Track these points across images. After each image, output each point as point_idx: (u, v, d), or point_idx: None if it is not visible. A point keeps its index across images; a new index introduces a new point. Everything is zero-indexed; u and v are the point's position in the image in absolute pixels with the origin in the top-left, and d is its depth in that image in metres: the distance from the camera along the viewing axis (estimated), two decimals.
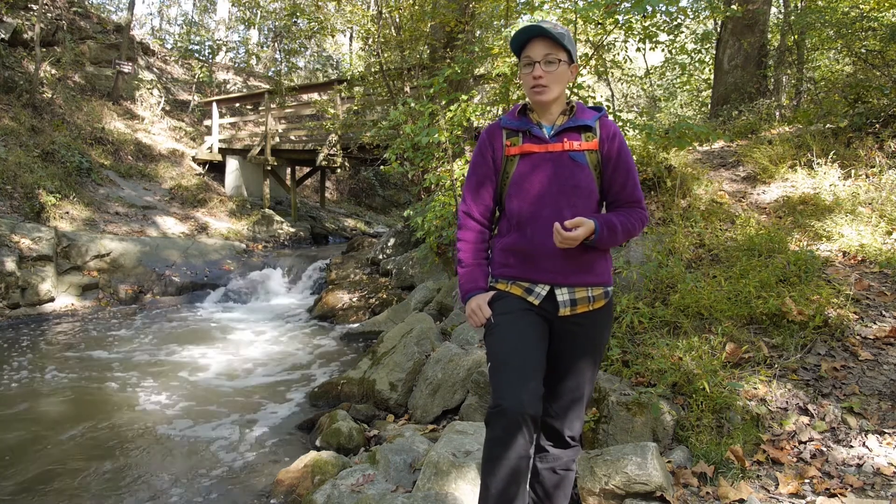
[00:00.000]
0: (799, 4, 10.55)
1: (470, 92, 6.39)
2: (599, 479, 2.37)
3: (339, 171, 13.29)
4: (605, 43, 6.97)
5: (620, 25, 5.51)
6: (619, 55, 9.10)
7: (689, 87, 14.07)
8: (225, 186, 13.47)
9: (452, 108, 5.48)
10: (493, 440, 1.74)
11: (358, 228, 14.44)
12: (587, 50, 6.40)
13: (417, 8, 8.84)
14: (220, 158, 13.67)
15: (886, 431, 2.54)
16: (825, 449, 2.54)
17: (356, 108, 11.01)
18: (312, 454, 3.16)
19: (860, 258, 3.92)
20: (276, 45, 22.24)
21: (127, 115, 13.93)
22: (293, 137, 13.50)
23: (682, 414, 2.83)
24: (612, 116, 6.18)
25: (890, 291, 3.50)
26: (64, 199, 9.47)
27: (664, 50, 8.36)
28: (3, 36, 12.01)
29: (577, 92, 5.48)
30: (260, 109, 14.72)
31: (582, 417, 1.99)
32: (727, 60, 9.26)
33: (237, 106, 16.70)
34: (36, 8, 12.30)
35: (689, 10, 9.32)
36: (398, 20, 9.27)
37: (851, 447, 2.52)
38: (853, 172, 4.94)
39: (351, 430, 3.60)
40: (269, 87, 15.64)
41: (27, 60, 12.37)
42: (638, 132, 5.32)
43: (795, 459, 2.51)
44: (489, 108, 6.23)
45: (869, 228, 4.20)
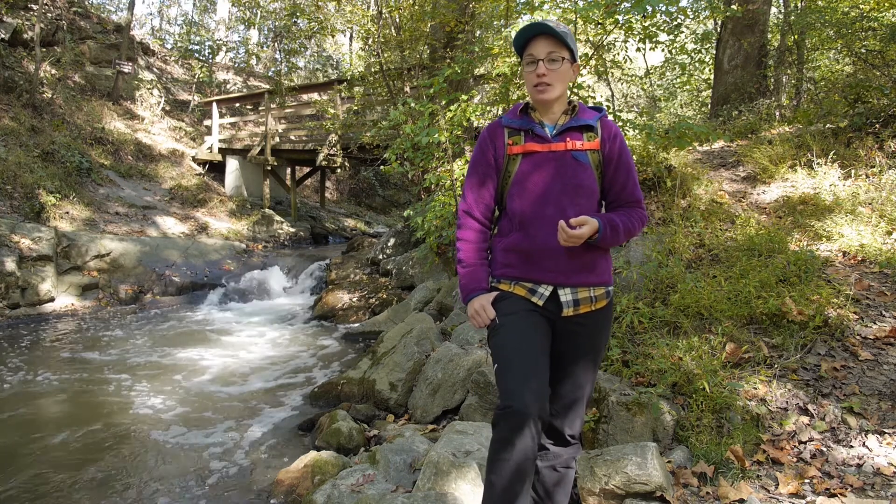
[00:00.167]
0: (799, 4, 10.55)
1: (470, 92, 6.39)
2: (599, 479, 2.37)
3: (339, 171, 13.29)
4: (605, 43, 6.97)
5: (620, 25, 5.51)
6: (619, 55, 9.11)
7: (689, 87, 14.07)
8: (225, 186, 13.47)
9: (452, 108, 5.48)
10: (500, 441, 1.74)
11: (358, 228, 14.45)
12: (587, 50, 6.40)
13: (417, 8, 8.85)
14: (220, 158, 13.67)
15: (886, 431, 2.54)
16: (825, 449, 2.54)
17: (356, 108, 11.01)
18: (312, 454, 3.16)
19: (860, 258, 3.92)
20: (276, 45, 22.24)
21: (127, 115, 13.93)
22: (293, 137, 13.50)
23: (682, 414, 2.83)
24: (612, 116, 6.18)
25: (890, 291, 3.50)
26: (64, 199, 9.47)
27: (664, 50, 8.36)
28: (3, 36, 12.01)
29: (576, 92, 5.49)
30: (260, 109, 14.72)
31: (582, 416, 2.00)
32: (727, 60, 9.26)
33: (237, 106, 16.70)
34: (36, 8, 12.30)
35: (689, 10, 9.31)
36: (398, 20, 9.27)
37: (851, 447, 2.52)
38: (853, 172, 4.94)
39: (351, 430, 3.60)
40: (269, 87, 15.65)
41: (27, 60, 12.37)
42: (638, 132, 5.32)
43: (795, 459, 2.51)
44: (489, 108, 6.23)
45: (869, 228, 4.20)
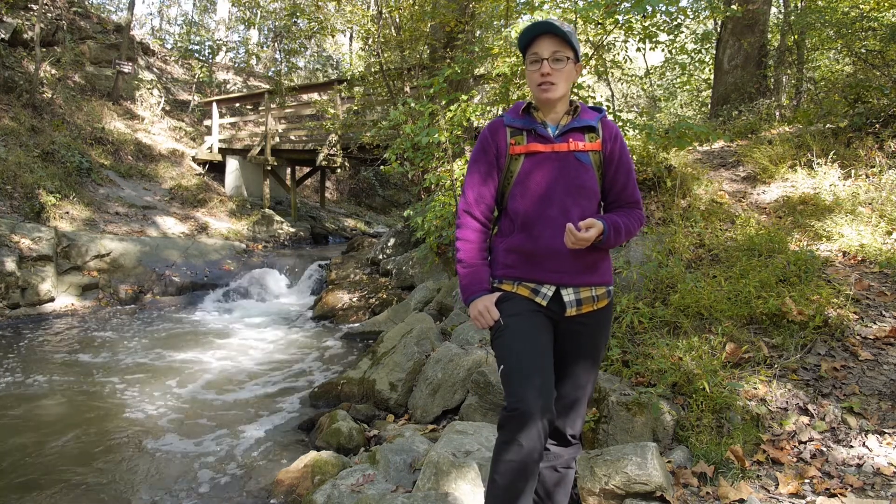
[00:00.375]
0: (799, 4, 10.55)
1: (470, 92, 6.39)
2: (599, 479, 2.37)
3: (339, 171, 13.29)
4: (605, 43, 6.97)
5: (620, 25, 5.51)
6: (619, 55, 9.10)
7: (689, 87, 14.07)
8: (225, 186, 13.47)
9: (452, 108, 5.48)
10: (507, 443, 1.73)
11: (358, 228, 14.45)
12: (587, 50, 6.40)
13: (417, 8, 8.85)
14: (220, 158, 13.67)
15: (886, 431, 2.54)
16: (825, 449, 2.54)
17: (356, 108, 11.02)
18: (312, 454, 3.16)
19: (860, 258, 3.92)
20: (276, 45, 22.24)
21: (127, 115, 13.93)
22: (293, 137, 13.51)
23: (682, 414, 2.83)
24: (611, 116, 6.18)
25: (890, 291, 3.50)
26: (64, 199, 9.47)
27: (664, 50, 8.36)
28: (3, 36, 12.01)
29: (576, 92, 5.49)
30: (260, 109, 14.72)
31: (583, 416, 1.99)
32: (727, 60, 9.26)
33: (237, 106, 16.70)
34: (36, 8, 12.30)
35: (689, 10, 9.31)
36: (398, 20, 9.27)
37: (851, 447, 2.52)
38: (853, 172, 4.94)
39: (351, 430, 3.60)
40: (269, 87, 15.65)
41: (27, 60, 12.37)
42: (638, 132, 5.32)
43: (795, 459, 2.51)
44: (489, 108, 6.23)
45: (869, 228, 4.20)
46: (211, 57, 19.43)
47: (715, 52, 9.95)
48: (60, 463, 3.52)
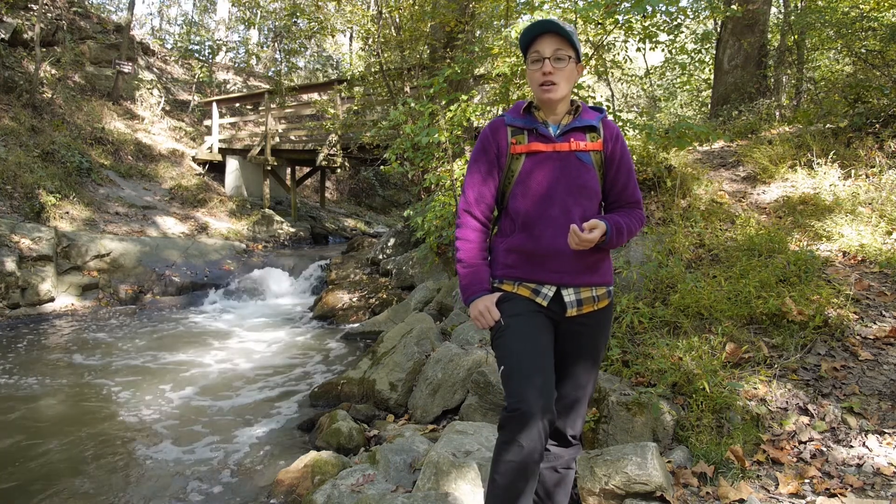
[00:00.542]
0: (799, 4, 10.55)
1: (470, 92, 6.39)
2: (599, 479, 2.37)
3: (339, 171, 13.29)
4: (605, 43, 6.97)
5: (620, 25, 5.51)
6: (619, 55, 9.11)
7: (689, 87, 14.07)
8: (225, 186, 13.47)
9: (452, 108, 5.48)
10: (507, 443, 1.73)
11: (358, 228, 14.45)
12: (587, 50, 6.40)
13: (417, 8, 8.85)
14: (220, 158, 13.67)
15: (886, 431, 2.54)
16: (825, 449, 2.54)
17: (356, 108, 11.02)
18: (312, 454, 3.16)
19: (860, 258, 3.92)
20: (276, 45, 22.24)
21: (127, 115, 13.93)
22: (293, 137, 13.51)
23: (682, 414, 2.83)
24: (611, 116, 6.18)
25: (890, 291, 3.50)
26: (64, 199, 9.47)
27: (664, 50, 8.36)
28: (3, 36, 12.01)
29: (576, 92, 5.49)
30: (260, 109, 14.72)
31: (584, 416, 1.99)
32: (727, 60, 9.26)
33: (237, 106, 16.70)
34: (36, 8, 12.30)
35: (689, 10, 9.31)
36: (398, 20, 9.27)
37: (851, 447, 2.52)
38: (853, 172, 4.94)
39: (351, 430, 3.60)
40: (269, 87, 15.65)
41: (27, 60, 12.37)
42: (638, 132, 5.32)
43: (795, 459, 2.51)
44: (489, 108, 6.23)
45: (869, 228, 4.20)
46: (211, 57, 19.43)
47: (715, 52, 9.95)
48: (59, 465, 3.52)
